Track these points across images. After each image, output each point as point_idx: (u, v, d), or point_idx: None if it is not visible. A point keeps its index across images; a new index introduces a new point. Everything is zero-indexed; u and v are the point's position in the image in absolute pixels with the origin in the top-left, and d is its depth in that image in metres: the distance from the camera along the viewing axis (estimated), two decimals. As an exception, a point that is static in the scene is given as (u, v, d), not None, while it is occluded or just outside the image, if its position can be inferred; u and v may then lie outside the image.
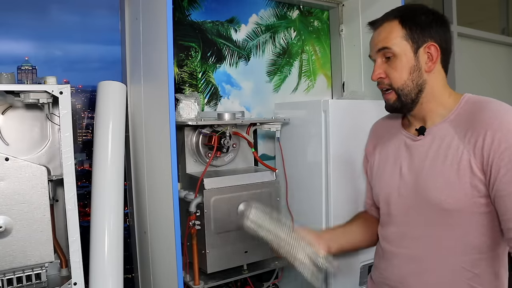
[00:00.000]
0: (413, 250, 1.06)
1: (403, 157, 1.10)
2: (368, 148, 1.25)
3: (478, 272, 1.00)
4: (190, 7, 1.78)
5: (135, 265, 1.71)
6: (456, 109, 1.04)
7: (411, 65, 1.04)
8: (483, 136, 0.94)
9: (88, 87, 1.66)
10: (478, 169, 0.95)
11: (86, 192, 1.62)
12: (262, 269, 1.57)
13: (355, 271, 1.62)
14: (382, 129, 1.23)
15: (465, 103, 1.04)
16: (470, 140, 0.96)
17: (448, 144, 1.00)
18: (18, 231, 1.23)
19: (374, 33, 1.09)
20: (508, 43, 3.40)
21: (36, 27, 1.54)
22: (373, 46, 1.08)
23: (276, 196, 1.59)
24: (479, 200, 0.96)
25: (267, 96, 1.98)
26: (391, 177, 1.12)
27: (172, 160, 1.24)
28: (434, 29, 1.04)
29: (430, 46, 1.04)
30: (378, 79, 1.07)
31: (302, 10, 2.09)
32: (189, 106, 1.47)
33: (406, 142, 1.11)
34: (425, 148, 1.05)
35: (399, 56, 1.04)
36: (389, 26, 1.06)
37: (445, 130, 1.03)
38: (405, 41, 1.04)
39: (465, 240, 0.99)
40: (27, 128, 1.41)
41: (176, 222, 1.26)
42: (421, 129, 1.07)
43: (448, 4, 2.93)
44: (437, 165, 1.01)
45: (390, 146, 1.16)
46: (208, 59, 1.83)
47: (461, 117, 1.02)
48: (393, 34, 1.04)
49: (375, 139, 1.24)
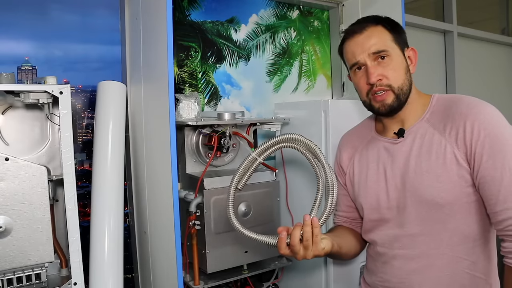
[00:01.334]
0: (411, 249, 1.07)
1: (386, 161, 1.11)
2: (342, 160, 1.26)
3: (474, 259, 1.03)
4: (190, 7, 1.78)
5: (135, 265, 1.71)
6: (429, 107, 1.08)
7: (405, 66, 1.09)
8: (463, 127, 0.98)
9: (88, 87, 1.66)
10: (462, 159, 0.98)
11: (86, 192, 1.62)
12: (262, 269, 1.57)
13: (355, 271, 1.62)
14: (354, 140, 1.25)
15: (436, 101, 1.09)
16: (450, 133, 1.00)
17: (430, 140, 1.03)
18: (18, 231, 1.23)
19: (358, 38, 1.09)
20: (508, 43, 3.41)
21: (36, 27, 1.54)
22: (363, 50, 1.08)
23: (276, 196, 1.59)
24: (467, 190, 0.99)
25: (267, 96, 1.98)
26: (377, 182, 1.13)
27: (172, 160, 1.24)
28: (404, 35, 1.12)
29: (410, 49, 1.11)
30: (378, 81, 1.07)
31: (302, 10, 2.09)
32: (189, 106, 1.47)
33: (386, 147, 1.13)
34: (407, 148, 1.07)
35: (395, 57, 1.07)
36: (376, 30, 1.08)
37: (424, 129, 1.06)
38: (395, 44, 1.08)
39: (459, 231, 1.02)
40: (27, 128, 1.41)
41: (176, 222, 1.26)
42: (401, 132, 1.10)
43: (448, 4, 2.93)
44: (423, 162, 1.03)
45: (368, 153, 1.17)
46: (208, 59, 1.83)
47: (436, 114, 1.06)
48: (385, 37, 1.07)
49: (348, 150, 1.25)
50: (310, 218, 1.04)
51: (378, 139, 1.16)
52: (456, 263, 1.03)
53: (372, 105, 1.10)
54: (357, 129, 1.29)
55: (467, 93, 1.10)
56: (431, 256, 1.04)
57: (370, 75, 1.06)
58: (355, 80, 1.12)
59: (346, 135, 1.32)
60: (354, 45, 1.09)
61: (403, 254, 1.08)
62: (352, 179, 1.21)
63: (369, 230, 1.18)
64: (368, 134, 1.21)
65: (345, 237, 1.22)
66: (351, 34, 1.10)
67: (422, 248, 1.05)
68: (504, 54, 3.42)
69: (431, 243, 1.04)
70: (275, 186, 1.59)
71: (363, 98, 1.12)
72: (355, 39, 1.09)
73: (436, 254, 1.03)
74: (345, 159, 1.25)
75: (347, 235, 1.24)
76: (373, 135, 1.19)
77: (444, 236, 1.03)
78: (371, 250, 1.20)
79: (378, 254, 1.15)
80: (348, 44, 1.11)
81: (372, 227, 1.16)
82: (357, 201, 1.20)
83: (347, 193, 1.26)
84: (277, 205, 1.59)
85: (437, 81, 2.86)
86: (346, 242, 1.20)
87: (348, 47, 1.11)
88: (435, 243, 1.03)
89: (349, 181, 1.23)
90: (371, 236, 1.17)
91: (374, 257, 1.17)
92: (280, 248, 1.05)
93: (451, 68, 2.85)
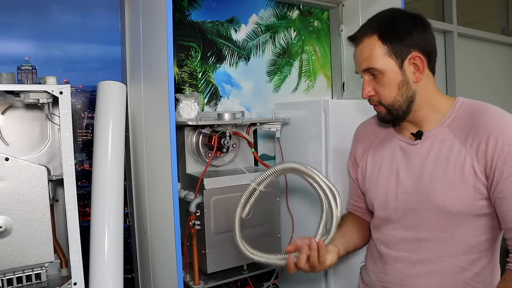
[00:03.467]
0: (416, 253, 1.06)
1: (400, 161, 1.10)
2: (356, 152, 1.25)
3: (477, 271, 1.02)
4: (190, 7, 1.78)
5: (135, 265, 1.71)
6: (451, 112, 1.04)
7: (398, 81, 1.03)
8: (486, 140, 0.95)
9: (88, 87, 1.66)
10: (481, 172, 0.96)
11: (86, 192, 1.62)
12: (262, 269, 1.57)
13: (355, 271, 1.62)
14: (370, 132, 1.23)
15: (459, 106, 1.04)
16: (472, 145, 0.97)
17: (449, 148, 1.01)
18: (18, 231, 1.23)
19: (356, 50, 1.07)
20: (508, 43, 3.40)
21: (36, 27, 1.54)
22: (358, 64, 1.07)
23: (276, 196, 1.59)
24: (480, 203, 0.98)
25: (267, 96, 1.98)
26: (388, 181, 1.11)
27: (172, 160, 1.24)
28: (416, 36, 1.02)
29: (414, 57, 1.02)
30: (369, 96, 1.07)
31: (302, 10, 2.09)
32: (189, 106, 1.47)
33: (402, 146, 1.10)
34: (425, 152, 1.05)
35: (386, 74, 1.02)
36: (369, 43, 1.03)
37: (444, 134, 1.03)
38: (388, 57, 1.02)
39: (465, 241, 1.01)
40: (27, 128, 1.41)
41: (176, 222, 1.26)
42: (418, 134, 1.07)
43: (448, 4, 2.93)
44: (440, 169, 1.01)
45: (383, 150, 1.15)
46: (208, 59, 1.83)
47: (458, 121, 1.02)
48: (375, 52, 1.02)
49: (364, 143, 1.23)
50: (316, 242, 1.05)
51: (394, 136, 1.14)
52: (458, 272, 1.02)
53: None
54: (374, 121, 1.24)
55: (466, 93, 1.10)
56: (435, 263, 1.03)
57: (362, 91, 1.07)
58: None
59: (362, 126, 1.29)
60: (354, 55, 1.09)
61: (407, 257, 1.07)
62: (364, 173, 1.20)
63: (376, 228, 1.17)
64: (385, 129, 1.18)
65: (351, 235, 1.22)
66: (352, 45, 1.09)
67: (426, 253, 1.04)
68: (504, 54, 3.42)
69: (436, 250, 1.03)
70: (275, 186, 1.59)
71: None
72: (355, 52, 1.08)
73: (440, 261, 1.03)
74: (359, 152, 1.24)
75: (354, 230, 1.24)
76: (390, 131, 1.17)
77: (450, 244, 1.02)
78: (373, 249, 1.19)
79: (380, 254, 1.14)
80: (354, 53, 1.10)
81: (379, 225, 1.16)
82: (367, 195, 1.19)
83: (357, 185, 1.26)
84: (277, 205, 1.59)
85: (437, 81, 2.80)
86: (353, 240, 1.21)
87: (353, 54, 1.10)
88: (441, 250, 1.02)
89: (360, 174, 1.22)
90: (377, 235, 1.16)
91: (376, 257, 1.17)
92: (289, 270, 1.08)
93: (451, 68, 2.84)
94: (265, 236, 1.55)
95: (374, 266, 1.17)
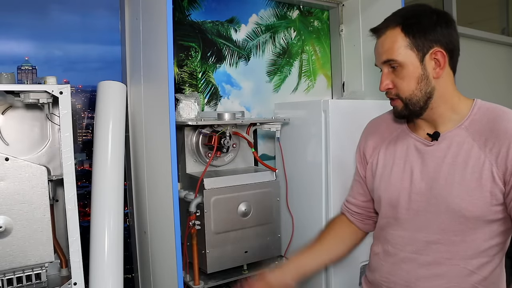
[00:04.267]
0: (424, 255, 1.05)
1: (414, 161, 1.07)
2: (366, 148, 1.21)
3: (485, 275, 1.01)
4: (190, 7, 1.78)
5: (135, 265, 1.71)
6: (469, 114, 1.02)
7: (418, 75, 1.01)
8: (507, 146, 0.94)
9: (88, 87, 1.66)
10: (499, 178, 0.95)
11: (86, 192, 1.62)
12: (262, 269, 1.57)
13: (355, 271, 1.62)
14: (382, 129, 1.20)
15: (478, 109, 1.03)
16: (492, 150, 0.96)
17: (467, 152, 0.99)
18: (18, 231, 1.23)
19: (377, 42, 1.05)
20: (508, 43, 3.40)
21: (36, 27, 1.54)
22: (378, 56, 1.05)
23: (276, 196, 1.59)
24: (495, 208, 0.97)
25: (267, 96, 1.98)
26: (401, 181, 1.09)
27: (172, 160, 1.24)
28: (439, 32, 1.00)
29: (436, 52, 1.00)
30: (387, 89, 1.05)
31: (302, 10, 2.09)
32: (189, 106, 1.47)
33: (417, 146, 1.08)
34: (441, 154, 1.03)
35: (406, 66, 1.01)
36: (392, 35, 1.02)
37: (462, 137, 1.01)
38: (409, 50, 1.01)
39: (475, 245, 1.00)
40: (27, 128, 1.41)
41: (176, 222, 1.26)
42: (435, 135, 1.04)
43: (448, 4, 2.93)
44: (457, 172, 0.99)
45: (396, 148, 1.13)
46: (208, 59, 1.83)
47: (477, 124, 1.01)
48: (397, 44, 1.01)
49: (375, 139, 1.20)
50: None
51: (409, 135, 1.11)
52: (466, 276, 1.01)
53: None
54: (387, 118, 1.22)
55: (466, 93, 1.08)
56: (443, 265, 1.02)
57: (380, 83, 1.05)
58: None
59: (374, 121, 1.26)
60: (375, 48, 1.07)
61: (415, 258, 1.06)
62: (374, 171, 1.17)
63: (382, 228, 1.15)
64: (399, 126, 1.16)
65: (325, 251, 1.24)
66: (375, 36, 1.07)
67: (435, 256, 1.03)
68: (504, 54, 3.42)
69: (445, 253, 1.02)
70: (275, 186, 1.59)
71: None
72: (377, 43, 1.06)
73: (448, 264, 1.02)
74: (370, 147, 1.20)
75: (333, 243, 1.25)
76: (404, 129, 1.14)
77: (460, 248, 1.01)
78: (379, 248, 1.16)
79: (387, 253, 1.13)
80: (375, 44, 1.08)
81: (386, 224, 1.14)
82: (375, 193, 1.17)
83: (363, 181, 1.23)
84: (277, 205, 1.59)
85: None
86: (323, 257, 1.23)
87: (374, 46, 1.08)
88: (450, 253, 1.01)
89: (370, 171, 1.19)
90: (384, 234, 1.14)
91: (382, 257, 1.15)
92: None
93: (451, 68, 2.84)
94: (265, 236, 1.56)
95: (379, 265, 1.16)
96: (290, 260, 1.27)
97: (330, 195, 1.58)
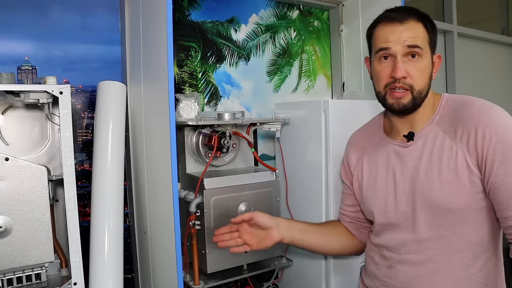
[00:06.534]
0: (418, 254, 1.05)
1: (395, 165, 1.10)
2: (350, 161, 1.24)
3: (480, 266, 1.02)
4: (190, 7, 1.78)
5: (135, 265, 1.71)
6: (438, 109, 1.06)
7: (430, 71, 1.05)
8: (475, 132, 0.96)
9: (88, 87, 1.66)
10: (474, 166, 0.97)
11: (86, 192, 1.62)
12: (262, 269, 1.57)
13: (355, 271, 1.62)
14: (362, 140, 1.23)
15: (445, 102, 1.06)
16: (461, 138, 0.98)
17: (441, 145, 1.01)
18: (18, 231, 1.23)
19: (398, 27, 1.02)
20: (508, 43, 3.40)
21: (36, 27, 1.54)
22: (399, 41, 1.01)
23: (276, 196, 1.59)
24: (477, 196, 0.98)
25: (267, 96, 1.98)
26: (385, 186, 1.11)
27: (172, 160, 1.24)
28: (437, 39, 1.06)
29: (437, 56, 1.06)
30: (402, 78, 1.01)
31: (302, 10, 2.09)
32: (189, 106, 1.47)
33: (396, 150, 1.11)
34: (418, 152, 1.05)
35: (425, 59, 1.02)
36: (416, 26, 1.02)
37: (434, 132, 1.04)
38: (428, 45, 1.03)
39: (467, 237, 1.01)
40: (27, 128, 1.41)
41: (176, 222, 1.26)
42: (410, 135, 1.07)
43: (448, 4, 2.93)
44: (434, 167, 1.01)
45: (378, 156, 1.15)
46: (208, 59, 1.83)
47: (446, 116, 1.04)
48: (422, 36, 1.02)
49: (357, 151, 1.23)
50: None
51: (387, 141, 1.14)
52: (462, 269, 1.02)
53: (386, 99, 1.05)
54: (365, 129, 1.26)
55: (466, 93, 1.10)
56: (438, 262, 1.03)
57: (396, 69, 1.00)
58: (378, 67, 1.05)
59: (354, 134, 1.29)
60: (391, 33, 1.02)
61: (409, 259, 1.07)
62: (360, 182, 1.20)
63: (377, 234, 1.17)
64: (377, 134, 1.19)
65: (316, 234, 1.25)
66: (390, 21, 1.03)
67: (429, 253, 1.04)
68: (504, 54, 3.42)
69: (438, 249, 1.03)
70: (275, 186, 1.59)
71: (379, 89, 1.06)
72: (393, 27, 1.02)
73: (442, 260, 1.03)
74: (353, 159, 1.23)
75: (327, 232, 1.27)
76: (381, 136, 1.17)
77: (452, 242, 1.02)
78: (374, 253, 1.18)
79: (383, 258, 1.14)
80: (383, 29, 1.04)
81: (380, 231, 1.15)
82: (365, 204, 1.18)
83: (352, 193, 1.25)
84: (277, 205, 1.59)
85: (437, 81, 2.84)
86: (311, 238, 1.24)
87: (382, 31, 1.04)
88: (443, 249, 1.02)
89: (356, 182, 1.22)
90: (378, 240, 1.16)
91: (378, 261, 1.16)
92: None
93: (451, 68, 2.84)
94: (265, 236, 1.55)
95: (376, 270, 1.16)
96: (287, 219, 1.29)
97: (330, 195, 1.58)
